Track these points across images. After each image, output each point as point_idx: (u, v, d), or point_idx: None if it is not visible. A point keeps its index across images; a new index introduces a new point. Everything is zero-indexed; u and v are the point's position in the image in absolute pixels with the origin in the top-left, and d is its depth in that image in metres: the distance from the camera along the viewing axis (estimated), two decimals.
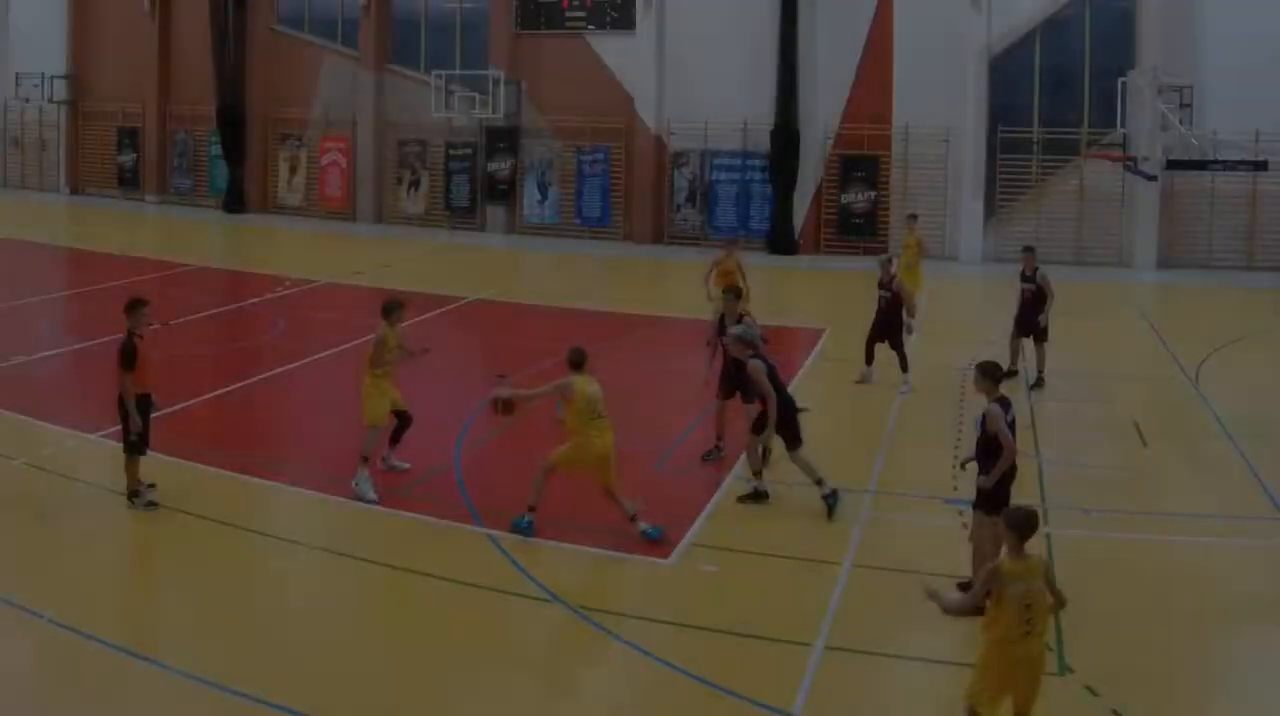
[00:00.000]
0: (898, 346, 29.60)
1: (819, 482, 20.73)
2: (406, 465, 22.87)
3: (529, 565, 18.21)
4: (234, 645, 15.65)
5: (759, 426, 21.10)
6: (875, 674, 15.33)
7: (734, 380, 22.80)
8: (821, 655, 15.38)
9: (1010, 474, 17.07)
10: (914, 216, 42.55)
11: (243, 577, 18.23)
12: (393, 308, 22.41)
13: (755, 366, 20.95)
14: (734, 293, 24.62)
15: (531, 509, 19.34)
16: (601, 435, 19.29)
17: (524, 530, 19.39)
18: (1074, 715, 14.06)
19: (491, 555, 18.64)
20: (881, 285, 29.86)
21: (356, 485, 21.13)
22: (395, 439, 22.62)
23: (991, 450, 16.93)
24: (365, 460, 21.40)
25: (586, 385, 19.35)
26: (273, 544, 19.53)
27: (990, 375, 17.26)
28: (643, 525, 19.23)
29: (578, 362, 19.65)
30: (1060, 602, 12.93)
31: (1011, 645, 12.29)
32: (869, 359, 29.82)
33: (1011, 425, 17.03)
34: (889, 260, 31.00)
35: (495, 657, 15.67)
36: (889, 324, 29.68)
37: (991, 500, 16.69)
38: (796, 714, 13.99)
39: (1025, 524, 12.55)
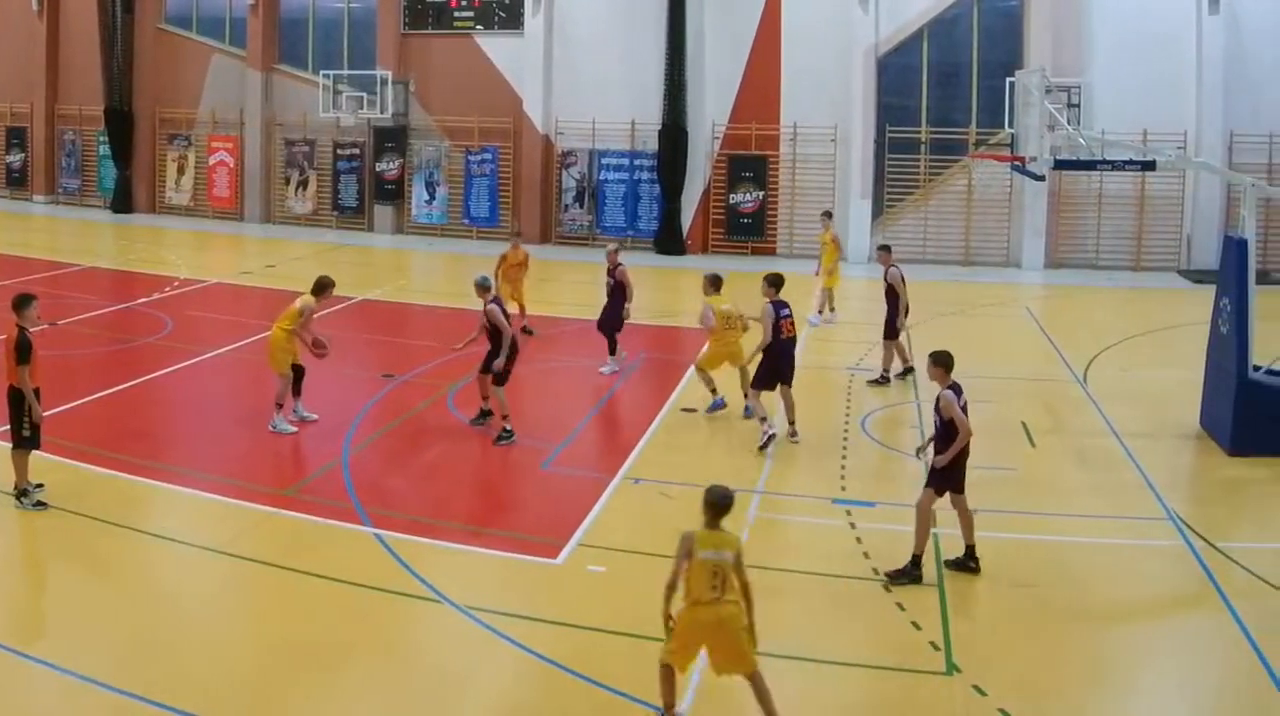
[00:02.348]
0: (611, 331, 30.06)
1: (504, 417, 23.73)
2: (314, 416, 24.97)
3: (416, 564, 17.80)
4: (121, 645, 15.25)
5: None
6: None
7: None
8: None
9: (964, 454, 17.68)
10: (828, 214, 41.01)
11: (130, 578, 17.68)
12: (324, 285, 24.96)
13: (493, 309, 23.95)
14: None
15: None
16: (736, 340, 25.61)
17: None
18: (961, 714, 13.86)
19: (379, 555, 18.26)
20: (609, 271, 30.38)
21: (274, 426, 24.08)
22: (297, 391, 24.75)
23: (950, 433, 17.52)
24: (279, 406, 24.27)
25: (721, 303, 25.58)
26: (161, 544, 18.81)
27: (942, 363, 17.88)
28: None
29: (716, 285, 25.95)
30: (745, 588, 13.09)
31: (701, 607, 12.89)
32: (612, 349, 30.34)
33: (964, 408, 17.55)
34: (616, 249, 31.26)
35: (382, 657, 15.19)
36: (612, 307, 30.09)
37: (946, 479, 17.64)
38: (684, 714, 13.69)
39: (719, 502, 13.19)
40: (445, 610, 16.45)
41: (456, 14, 57.61)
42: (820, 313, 37.46)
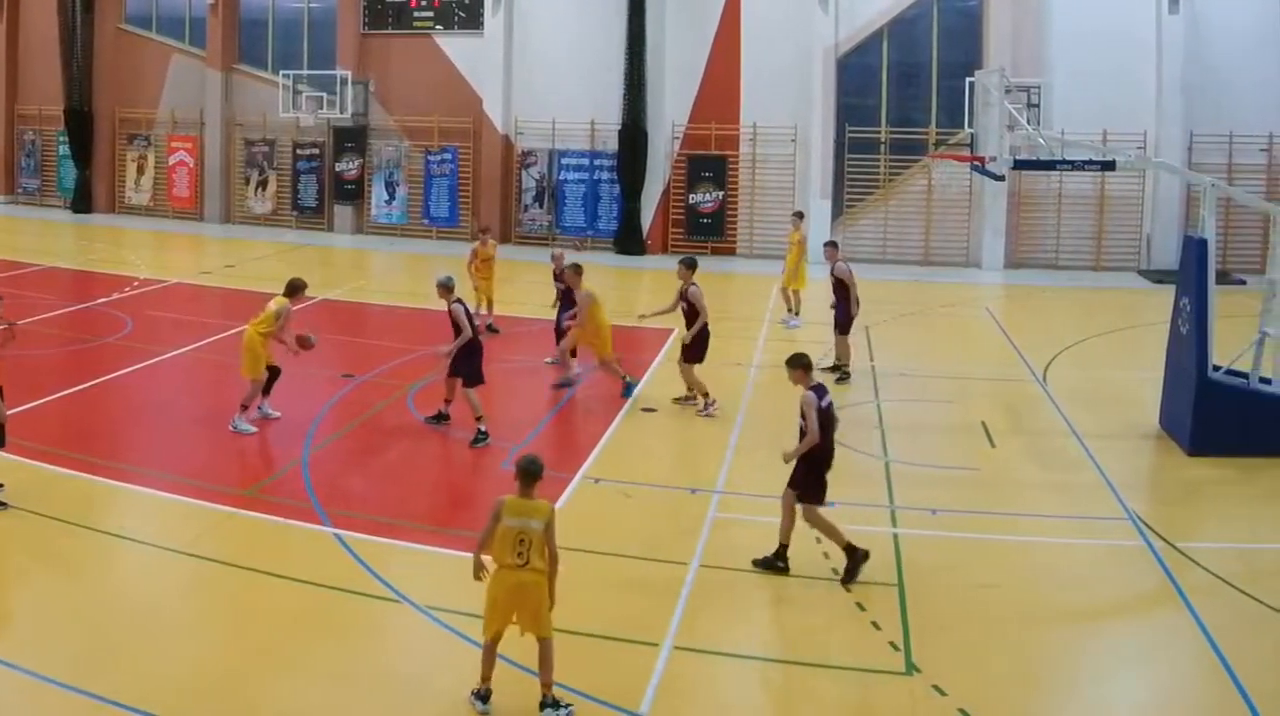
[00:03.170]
0: (559, 329, 29.82)
1: (478, 419, 23.48)
2: (277, 413, 24.94)
3: (377, 565, 17.57)
4: (81, 645, 14.95)
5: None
6: (721, 673, 14.77)
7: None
8: (669, 655, 14.94)
9: (821, 458, 17.44)
10: (800, 214, 39.95)
11: (91, 578, 17.32)
12: (298, 287, 25.16)
13: (455, 309, 23.99)
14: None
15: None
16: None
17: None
18: (921, 714, 13.70)
19: (339, 555, 18.00)
20: (556, 277, 30.49)
21: (235, 426, 23.82)
22: (267, 391, 24.64)
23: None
24: (244, 407, 24.07)
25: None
26: (121, 544, 18.50)
27: (800, 365, 17.68)
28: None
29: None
30: (552, 557, 13.37)
31: (506, 572, 13.21)
32: (560, 341, 29.63)
33: (827, 411, 17.39)
34: (561, 255, 31.51)
35: (343, 658, 14.96)
36: (567, 311, 29.58)
37: (805, 486, 17.42)
38: (644, 714, 13.57)
39: (527, 471, 13.44)
40: (406, 610, 16.23)
41: (416, 14, 56.71)
42: (793, 313, 36.60)
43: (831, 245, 30.99)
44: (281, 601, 16.52)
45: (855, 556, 17.27)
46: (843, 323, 29.36)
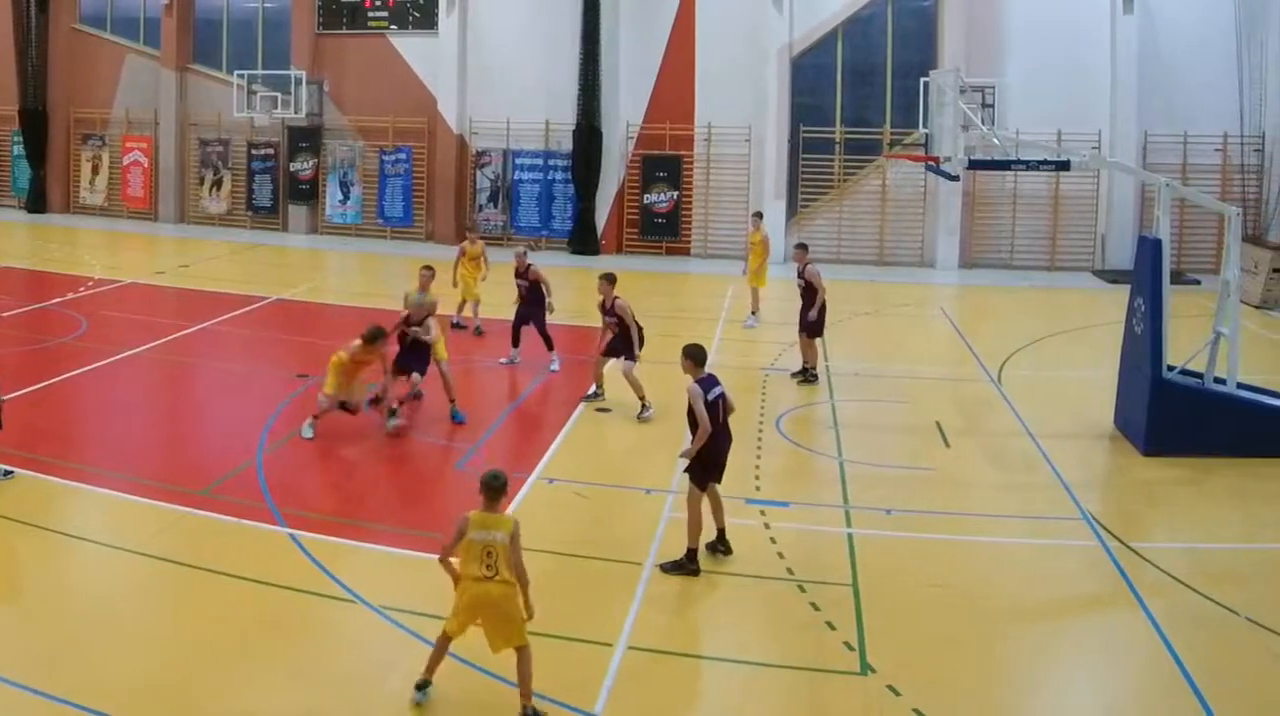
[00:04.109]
0: (542, 330, 29.91)
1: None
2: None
3: (331, 564, 17.41)
4: (34, 644, 14.84)
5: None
6: (676, 674, 14.71)
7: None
8: (623, 655, 14.90)
9: (713, 447, 17.48)
10: (759, 215, 38.91)
11: (45, 577, 17.16)
12: (377, 335, 24.16)
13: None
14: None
15: None
16: None
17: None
18: (876, 714, 13.62)
19: (294, 555, 17.86)
20: (518, 274, 30.14)
21: (303, 433, 23.62)
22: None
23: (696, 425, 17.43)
24: (316, 417, 23.72)
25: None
26: (75, 544, 18.30)
27: (690, 356, 17.89)
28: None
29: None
30: (517, 568, 13.36)
31: (472, 583, 13.25)
32: (515, 341, 30.20)
33: (716, 402, 17.55)
34: (524, 252, 31.02)
35: (298, 657, 14.85)
36: (532, 309, 29.97)
37: (695, 473, 17.53)
38: (598, 714, 13.57)
39: (490, 485, 13.59)
40: (360, 610, 16.06)
41: (371, 14, 55.57)
42: (753, 313, 35.90)
43: (801, 248, 30.31)
44: (235, 601, 16.30)
45: (691, 564, 17.37)
46: (809, 326, 28.74)
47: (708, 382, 17.64)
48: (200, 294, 39.28)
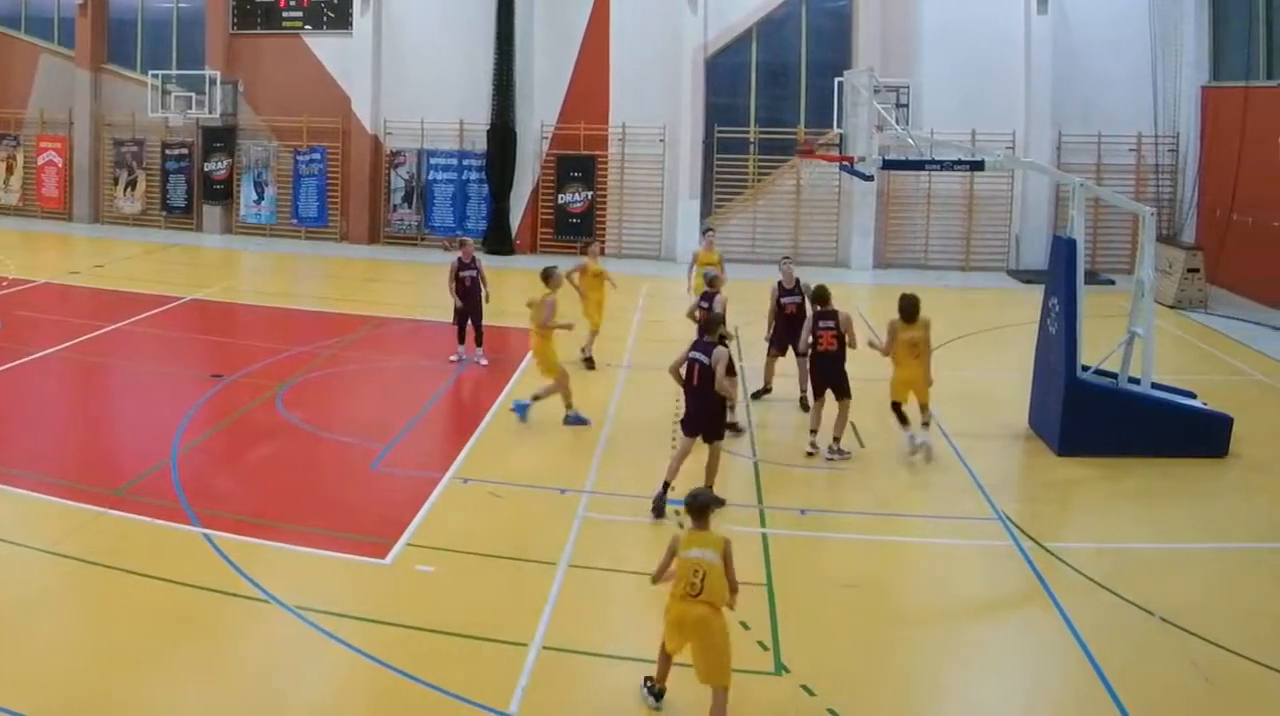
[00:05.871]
0: (480, 323, 29.87)
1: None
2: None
3: (245, 565, 17.10)
4: None
5: None
6: (590, 673, 14.55)
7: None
8: (538, 655, 14.70)
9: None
10: (710, 230, 36.15)
11: None
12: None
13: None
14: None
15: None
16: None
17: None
18: (790, 714, 13.49)
19: (208, 555, 17.53)
20: (467, 265, 29.75)
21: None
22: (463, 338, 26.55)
23: None
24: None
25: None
26: None
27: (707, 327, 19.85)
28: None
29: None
30: (733, 588, 13.04)
31: (676, 602, 12.97)
32: (460, 338, 30.02)
33: (689, 365, 19.48)
34: (463, 243, 31.09)
35: (211, 658, 14.47)
36: (475, 302, 29.72)
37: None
38: (513, 713, 13.35)
39: (691, 508, 13.50)
40: (274, 610, 15.78)
41: (285, 14, 53.60)
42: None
43: (786, 260, 28.35)
44: (150, 601, 15.95)
45: (666, 493, 19.10)
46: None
47: (696, 346, 19.55)
48: (115, 294, 38.35)
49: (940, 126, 41.88)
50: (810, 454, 22.87)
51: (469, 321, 29.68)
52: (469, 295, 29.54)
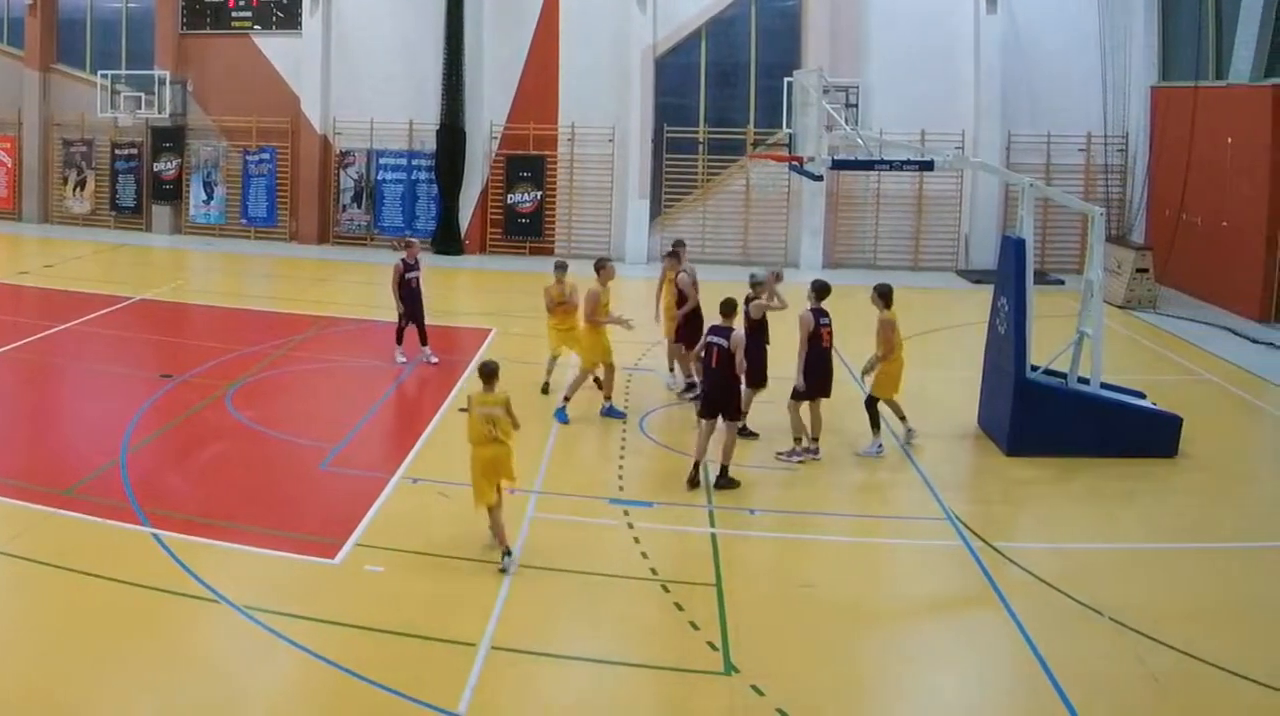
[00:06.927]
0: (423, 323, 29.47)
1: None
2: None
3: (194, 565, 16.89)
4: None
5: None
6: (539, 673, 14.42)
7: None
8: (486, 655, 14.59)
9: None
10: (681, 243, 31.09)
11: None
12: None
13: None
14: None
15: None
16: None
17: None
18: (739, 714, 13.43)
19: (157, 555, 17.33)
20: (412, 267, 29.39)
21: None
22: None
23: None
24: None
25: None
26: None
27: (723, 310, 20.84)
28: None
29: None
30: (515, 426, 17.09)
31: (477, 447, 16.66)
32: (399, 339, 29.69)
33: (709, 349, 20.65)
34: (409, 244, 30.80)
35: (160, 658, 14.37)
36: (418, 302, 29.43)
37: None
38: (462, 713, 13.26)
39: (483, 372, 17.30)
40: (223, 610, 15.68)
41: (234, 14, 52.44)
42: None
43: (774, 277, 26.43)
44: (99, 601, 15.82)
45: (698, 471, 20.57)
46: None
47: (713, 331, 20.68)
48: (64, 294, 37.84)
49: (890, 126, 41.70)
50: (811, 454, 23.02)
51: (410, 323, 29.22)
52: (415, 297, 28.97)
